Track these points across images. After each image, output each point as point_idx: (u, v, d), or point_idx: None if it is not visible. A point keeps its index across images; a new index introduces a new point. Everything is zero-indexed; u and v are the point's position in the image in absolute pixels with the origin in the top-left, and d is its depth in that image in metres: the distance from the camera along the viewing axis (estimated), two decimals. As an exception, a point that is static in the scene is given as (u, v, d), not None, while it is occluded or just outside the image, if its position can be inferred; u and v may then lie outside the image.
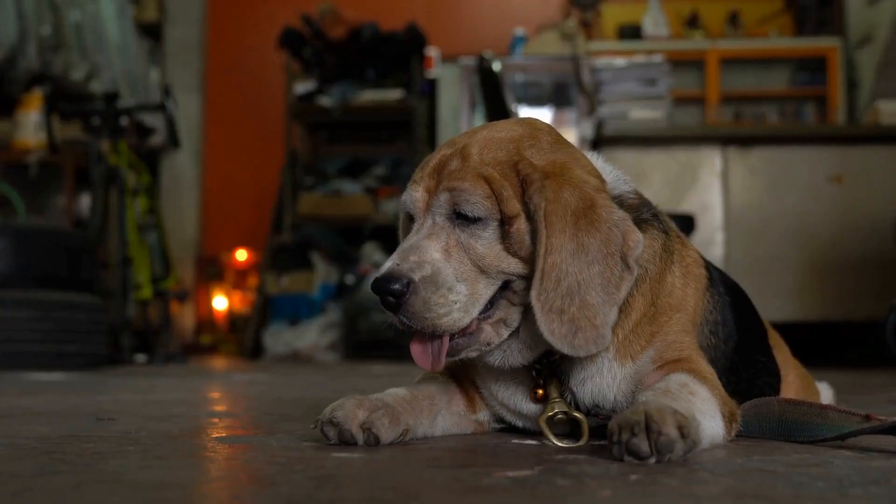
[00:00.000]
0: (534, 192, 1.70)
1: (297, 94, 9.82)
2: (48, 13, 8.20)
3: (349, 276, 9.40)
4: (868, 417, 1.71)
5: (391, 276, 1.68)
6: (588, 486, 1.27)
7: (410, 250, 1.71)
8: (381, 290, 1.68)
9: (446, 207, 1.73)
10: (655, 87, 6.90)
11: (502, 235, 1.72)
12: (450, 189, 1.72)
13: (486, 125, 1.86)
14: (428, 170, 1.78)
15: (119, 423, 2.21)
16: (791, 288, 6.69)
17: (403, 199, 1.81)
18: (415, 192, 1.78)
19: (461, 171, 1.73)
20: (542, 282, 1.67)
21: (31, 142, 8.00)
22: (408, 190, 1.80)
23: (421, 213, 1.77)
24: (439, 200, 1.74)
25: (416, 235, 1.74)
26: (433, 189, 1.76)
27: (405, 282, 1.67)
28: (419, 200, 1.77)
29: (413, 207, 1.78)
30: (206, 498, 1.22)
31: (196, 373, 5.74)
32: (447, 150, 1.79)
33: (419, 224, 1.77)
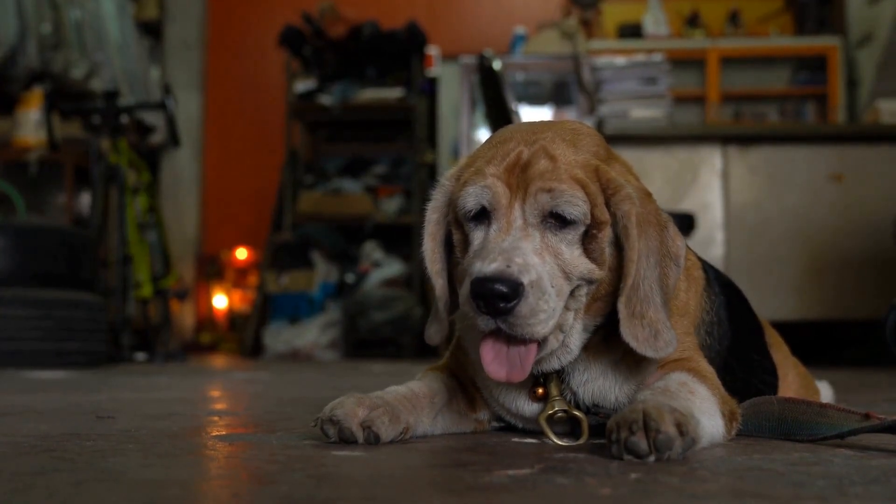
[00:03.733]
0: (621, 199, 1.69)
1: (297, 92, 9.81)
2: (48, 11, 8.20)
3: (349, 274, 9.40)
4: (867, 416, 1.71)
5: (501, 277, 1.57)
6: (588, 485, 1.27)
7: (512, 251, 1.61)
8: (492, 292, 1.57)
9: (543, 208, 1.66)
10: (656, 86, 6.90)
11: (585, 240, 1.69)
12: (548, 189, 1.65)
13: (531, 124, 1.79)
14: (505, 165, 1.69)
15: (119, 422, 2.21)
16: (791, 287, 6.69)
17: (470, 192, 1.70)
18: (496, 187, 1.68)
19: (555, 172, 1.66)
20: (631, 288, 1.68)
21: (32, 140, 8.00)
22: (481, 183, 1.69)
23: (504, 210, 1.67)
24: (537, 200, 1.65)
25: (509, 235, 1.65)
26: (520, 187, 1.67)
27: (516, 285, 1.58)
28: (503, 196, 1.67)
29: (494, 202, 1.68)
30: (206, 496, 1.22)
31: (196, 371, 5.74)
32: (524, 148, 1.70)
33: (503, 222, 1.67)
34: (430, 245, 1.80)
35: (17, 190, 7.69)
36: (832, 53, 9.85)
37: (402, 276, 9.42)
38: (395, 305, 9.01)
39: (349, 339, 9.04)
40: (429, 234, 1.80)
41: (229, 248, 10.88)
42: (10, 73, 8.02)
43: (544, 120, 1.83)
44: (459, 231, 1.76)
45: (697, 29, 10.34)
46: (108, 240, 7.08)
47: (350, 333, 9.03)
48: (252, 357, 9.00)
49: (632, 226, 1.68)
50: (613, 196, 1.69)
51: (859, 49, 9.59)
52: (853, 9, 9.79)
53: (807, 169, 6.70)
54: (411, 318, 8.99)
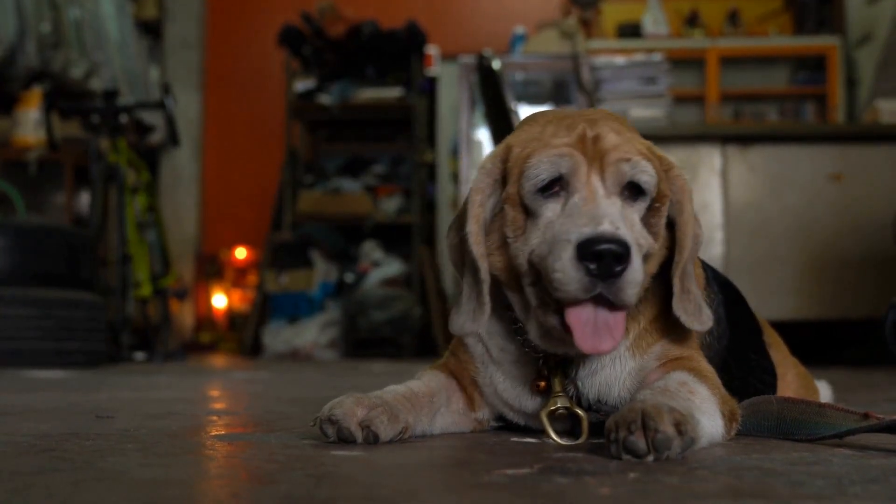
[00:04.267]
0: (676, 175, 1.76)
1: (296, 91, 9.81)
2: (48, 11, 8.20)
3: (349, 274, 9.40)
4: (866, 416, 1.71)
5: (614, 237, 1.53)
6: (587, 484, 1.27)
7: (611, 215, 1.58)
8: (610, 252, 1.53)
9: (622, 178, 1.65)
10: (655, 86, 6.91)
11: (647, 214, 1.72)
12: (627, 159, 1.65)
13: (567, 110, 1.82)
14: (576, 137, 1.67)
15: (118, 421, 2.21)
16: (790, 286, 6.69)
17: (544, 161, 1.65)
18: (574, 155, 1.65)
19: (628, 146, 1.67)
20: (684, 263, 1.73)
21: (31, 139, 8.00)
22: (554, 152, 1.65)
23: (584, 179, 1.64)
24: (618, 169, 1.64)
25: (595, 204, 1.61)
26: (596, 157, 1.65)
27: (628, 247, 1.54)
28: (582, 163, 1.65)
29: (573, 169, 1.64)
30: (205, 495, 1.22)
31: (195, 371, 5.74)
32: (585, 126, 1.68)
33: (586, 191, 1.63)
34: (474, 228, 1.72)
35: (16, 189, 7.69)
36: (831, 53, 9.85)
37: (402, 275, 9.42)
38: (395, 305, 9.01)
39: (349, 339, 9.04)
40: (473, 216, 1.73)
41: (229, 247, 10.89)
42: (9, 73, 8.02)
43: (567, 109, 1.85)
44: (516, 209, 1.70)
45: (697, 28, 10.35)
46: (107, 239, 7.08)
47: (349, 333, 9.03)
48: (251, 356, 9.00)
49: (686, 200, 1.75)
50: (668, 172, 1.75)
51: (858, 49, 9.60)
52: (852, 8, 9.79)
53: (806, 168, 6.70)
54: (411, 318, 8.99)
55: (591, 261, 1.53)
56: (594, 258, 1.53)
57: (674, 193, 1.74)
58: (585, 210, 1.59)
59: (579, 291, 1.56)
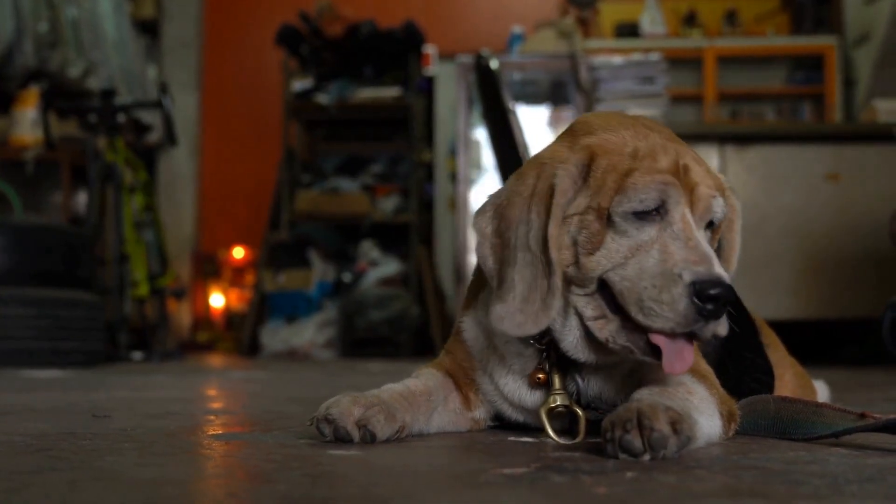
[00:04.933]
0: (728, 195, 1.79)
1: (294, 91, 9.80)
2: (45, 10, 8.20)
3: (346, 273, 9.40)
4: (863, 415, 1.71)
5: (727, 284, 1.58)
6: (584, 483, 1.27)
7: (714, 258, 1.62)
8: (723, 298, 1.58)
9: (708, 214, 1.69)
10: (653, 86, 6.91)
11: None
12: (714, 196, 1.69)
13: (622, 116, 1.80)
14: (671, 163, 1.68)
15: (115, 421, 2.21)
16: (787, 286, 6.70)
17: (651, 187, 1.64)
18: (679, 188, 1.65)
19: (709, 178, 1.71)
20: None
21: (28, 139, 7.99)
22: (660, 179, 1.65)
23: (682, 211, 1.65)
24: (708, 206, 1.68)
25: (696, 240, 1.63)
26: (688, 189, 1.67)
27: (734, 294, 1.61)
28: (682, 196, 1.66)
29: (675, 200, 1.65)
30: (202, 495, 1.22)
31: (193, 370, 5.74)
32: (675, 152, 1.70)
33: (683, 223, 1.64)
34: (555, 231, 1.67)
35: (13, 189, 7.69)
36: (829, 53, 9.85)
37: (400, 275, 9.41)
38: (393, 304, 9.01)
39: (346, 338, 9.03)
40: (556, 218, 1.67)
41: (226, 246, 10.88)
42: (6, 72, 8.02)
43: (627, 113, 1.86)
44: (601, 222, 1.67)
45: (694, 28, 10.35)
46: (104, 239, 7.08)
47: (347, 332, 9.03)
48: (249, 356, 8.99)
49: (736, 219, 1.81)
50: (723, 192, 1.77)
51: (856, 48, 9.60)
52: (850, 8, 9.80)
53: (803, 168, 6.71)
54: (408, 317, 8.99)
55: (708, 302, 1.57)
56: (710, 300, 1.56)
57: (728, 211, 1.78)
58: (691, 246, 1.62)
59: (682, 326, 1.59)
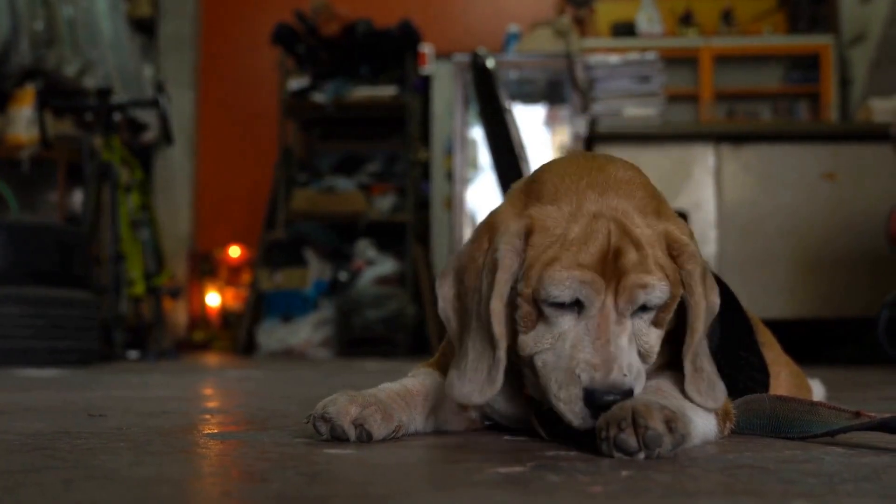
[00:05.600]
0: (686, 259, 1.69)
1: (290, 90, 9.80)
2: (41, 8, 8.18)
3: (342, 272, 9.40)
4: (858, 414, 1.72)
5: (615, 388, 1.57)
6: (579, 482, 1.27)
7: (620, 355, 1.60)
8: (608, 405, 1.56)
9: (636, 303, 1.63)
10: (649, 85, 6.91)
11: (658, 312, 1.69)
12: (643, 286, 1.61)
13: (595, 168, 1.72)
14: (597, 255, 1.62)
15: (111, 420, 2.21)
16: (783, 285, 6.70)
17: (566, 283, 1.60)
18: (595, 283, 1.61)
19: (644, 264, 1.62)
20: (694, 345, 1.71)
21: (24, 137, 7.97)
22: (577, 276, 1.60)
23: (599, 304, 1.62)
24: (633, 297, 1.62)
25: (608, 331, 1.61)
26: (612, 278, 1.62)
27: (630, 394, 1.58)
28: (600, 291, 1.61)
29: (590, 297, 1.61)
30: (197, 494, 1.22)
31: (189, 369, 5.74)
32: (610, 230, 1.63)
33: (598, 316, 1.62)
34: (498, 306, 1.65)
35: (9, 188, 7.68)
36: (825, 52, 9.86)
37: (396, 273, 9.41)
38: (389, 303, 9.01)
39: (342, 337, 9.03)
40: (498, 294, 1.65)
41: (222, 245, 10.88)
42: (2, 70, 7.99)
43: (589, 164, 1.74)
44: (530, 305, 1.66)
45: (691, 27, 10.35)
46: (100, 237, 7.07)
47: (343, 331, 9.03)
48: (245, 355, 8.99)
49: (696, 284, 1.69)
50: (679, 257, 1.69)
51: (852, 48, 9.61)
52: (846, 8, 9.81)
53: (799, 167, 6.71)
54: (404, 316, 8.99)
55: (601, 410, 1.56)
56: (603, 408, 1.56)
57: (684, 277, 1.69)
58: (598, 346, 1.60)
59: (583, 425, 1.59)
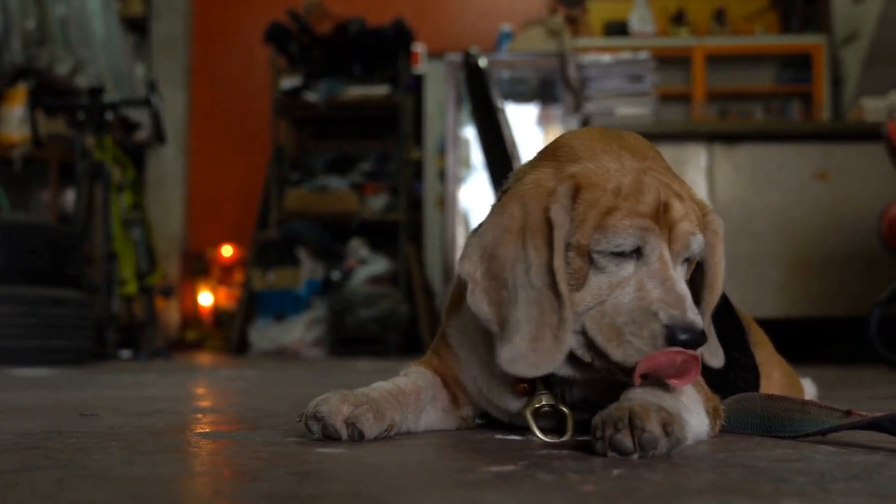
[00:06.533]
0: (710, 219, 1.77)
1: (283, 89, 9.80)
2: (33, 7, 8.17)
3: (335, 271, 9.39)
4: (849, 413, 1.72)
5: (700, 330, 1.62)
6: (571, 481, 1.27)
7: (690, 300, 1.64)
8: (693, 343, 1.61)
9: (685, 251, 1.69)
10: (641, 84, 6.92)
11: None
12: (691, 233, 1.68)
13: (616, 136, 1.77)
14: (653, 206, 1.65)
15: (103, 419, 2.20)
16: (776, 284, 6.71)
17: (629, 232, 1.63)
18: (656, 232, 1.65)
19: (688, 215, 1.69)
20: (713, 304, 1.81)
21: (16, 137, 7.97)
22: (639, 224, 1.63)
23: (660, 251, 1.66)
24: (685, 246, 1.68)
25: (672, 279, 1.64)
26: (664, 227, 1.66)
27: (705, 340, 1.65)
28: (660, 238, 1.65)
29: (652, 244, 1.65)
30: (188, 493, 1.22)
31: (181, 368, 5.73)
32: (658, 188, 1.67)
33: (658, 264, 1.65)
34: (561, 264, 1.65)
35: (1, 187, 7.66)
36: (817, 52, 9.88)
37: (389, 273, 9.41)
38: (382, 302, 9.01)
39: (335, 337, 9.03)
40: (559, 252, 1.65)
41: (215, 245, 10.86)
42: (-6, 70, 8.00)
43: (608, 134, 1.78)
44: (583, 259, 1.67)
45: (683, 27, 10.36)
46: (92, 237, 7.05)
47: (336, 331, 9.03)
48: (237, 354, 8.99)
49: (718, 243, 1.78)
50: (705, 217, 1.76)
51: (844, 47, 9.63)
52: (838, 7, 9.82)
53: (792, 167, 6.73)
54: (397, 316, 8.99)
55: (679, 345, 1.59)
56: (680, 345, 1.59)
57: (707, 236, 1.76)
58: (667, 287, 1.63)
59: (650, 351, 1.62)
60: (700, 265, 1.79)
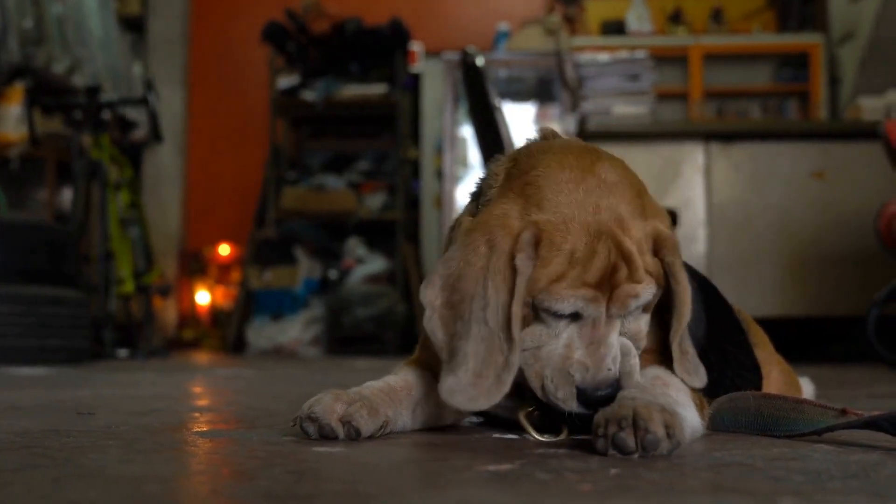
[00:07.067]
0: (669, 250, 1.74)
1: (280, 88, 9.80)
2: (30, 6, 8.16)
3: (332, 270, 9.40)
4: (844, 412, 1.72)
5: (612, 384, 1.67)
6: (568, 480, 1.27)
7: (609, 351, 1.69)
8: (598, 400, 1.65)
9: (627, 309, 1.70)
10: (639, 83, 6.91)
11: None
12: (634, 295, 1.69)
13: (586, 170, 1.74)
14: (598, 275, 1.66)
15: (100, 418, 2.20)
16: (773, 283, 6.71)
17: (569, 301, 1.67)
18: (596, 300, 1.67)
19: (635, 274, 1.69)
20: (682, 328, 1.78)
21: (13, 136, 7.96)
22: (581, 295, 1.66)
23: (595, 313, 1.69)
24: (624, 305, 1.69)
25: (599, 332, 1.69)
26: (607, 289, 1.67)
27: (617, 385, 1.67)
28: (598, 305, 1.68)
29: (588, 311, 1.68)
30: (185, 492, 1.22)
31: (178, 367, 5.73)
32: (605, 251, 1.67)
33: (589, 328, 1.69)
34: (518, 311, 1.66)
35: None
36: (814, 51, 9.88)
37: (386, 272, 9.42)
38: (379, 302, 9.01)
39: (332, 336, 9.03)
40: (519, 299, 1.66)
41: (212, 244, 10.86)
42: (-9, 68, 7.99)
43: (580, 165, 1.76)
44: (527, 307, 1.70)
45: (680, 26, 10.37)
46: (90, 236, 7.05)
47: (333, 330, 9.03)
48: (235, 353, 8.99)
49: (679, 273, 1.75)
50: (661, 249, 1.74)
51: (841, 46, 9.63)
52: (835, 6, 9.83)
53: (789, 166, 6.72)
54: (394, 315, 8.99)
55: (593, 406, 1.64)
56: (596, 403, 1.63)
57: (667, 267, 1.74)
58: (591, 348, 1.68)
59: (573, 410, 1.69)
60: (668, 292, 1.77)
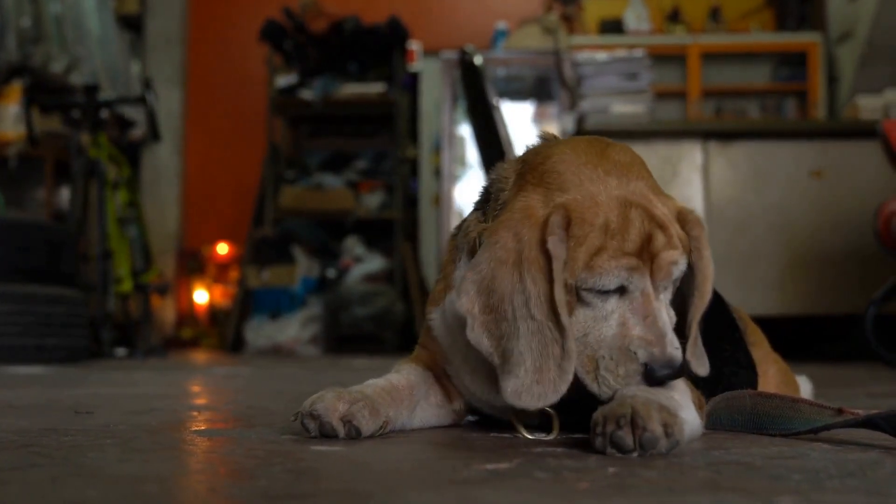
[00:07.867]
0: (692, 225, 1.76)
1: (278, 87, 9.80)
2: (28, 5, 8.16)
3: (331, 269, 9.40)
4: (840, 411, 1.72)
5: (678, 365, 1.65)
6: (566, 479, 1.27)
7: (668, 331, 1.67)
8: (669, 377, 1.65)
9: (668, 280, 1.70)
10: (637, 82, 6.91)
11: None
12: (674, 262, 1.68)
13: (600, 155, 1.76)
14: (637, 244, 1.65)
15: (98, 417, 2.20)
16: (771, 282, 6.71)
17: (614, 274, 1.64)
18: (641, 270, 1.66)
19: (670, 242, 1.69)
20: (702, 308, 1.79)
21: (11, 135, 7.96)
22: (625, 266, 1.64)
23: (642, 286, 1.67)
24: (668, 272, 1.69)
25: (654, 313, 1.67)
26: (647, 260, 1.67)
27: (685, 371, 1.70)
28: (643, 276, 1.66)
29: (635, 283, 1.66)
30: (184, 491, 1.22)
31: (177, 366, 5.73)
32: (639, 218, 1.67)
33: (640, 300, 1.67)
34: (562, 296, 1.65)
35: (-4, 185, 7.66)
36: (812, 50, 9.88)
37: (384, 271, 9.42)
38: (377, 300, 9.01)
39: (330, 335, 9.03)
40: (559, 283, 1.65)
41: (210, 243, 10.86)
42: (-11, 67, 7.99)
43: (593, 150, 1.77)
44: (569, 293, 1.67)
45: (678, 24, 10.37)
46: (88, 235, 7.05)
47: (331, 328, 9.02)
48: (233, 352, 8.98)
49: (704, 248, 1.76)
50: (686, 225, 1.75)
51: (839, 45, 9.63)
52: (833, 5, 9.83)
53: (787, 165, 6.73)
54: (393, 314, 8.99)
55: (656, 383, 1.63)
56: (659, 382, 1.63)
57: (693, 242, 1.75)
58: (648, 323, 1.66)
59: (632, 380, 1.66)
60: (690, 268, 1.78)
